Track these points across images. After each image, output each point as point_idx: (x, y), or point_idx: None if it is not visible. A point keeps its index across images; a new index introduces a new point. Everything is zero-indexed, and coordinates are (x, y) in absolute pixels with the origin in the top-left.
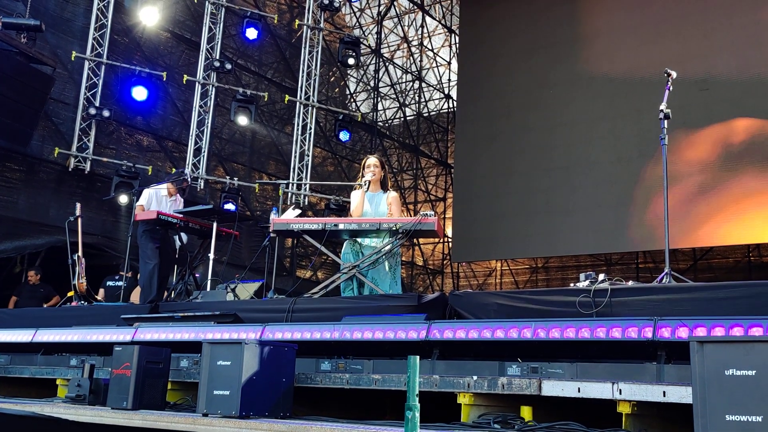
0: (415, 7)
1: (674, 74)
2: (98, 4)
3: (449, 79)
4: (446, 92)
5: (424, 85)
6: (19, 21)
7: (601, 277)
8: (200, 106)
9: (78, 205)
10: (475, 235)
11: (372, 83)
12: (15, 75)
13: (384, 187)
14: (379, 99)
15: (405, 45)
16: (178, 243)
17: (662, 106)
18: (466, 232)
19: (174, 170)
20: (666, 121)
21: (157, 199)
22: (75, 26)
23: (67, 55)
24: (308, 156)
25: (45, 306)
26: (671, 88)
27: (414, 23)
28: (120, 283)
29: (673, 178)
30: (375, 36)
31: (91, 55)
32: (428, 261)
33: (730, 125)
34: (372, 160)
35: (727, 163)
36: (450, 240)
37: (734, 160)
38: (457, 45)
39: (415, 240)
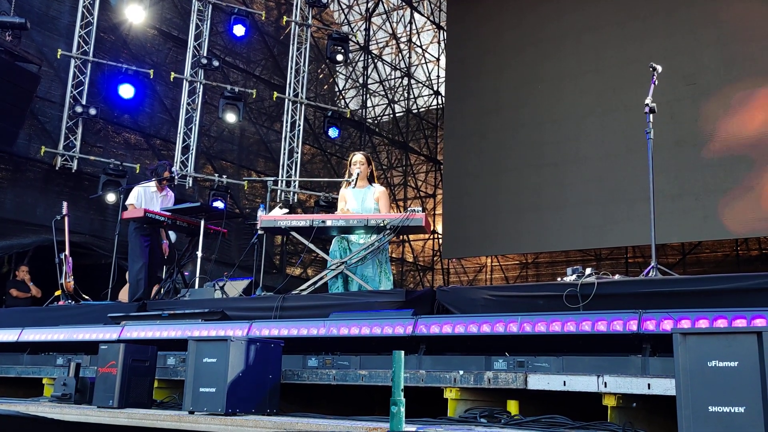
0: (404, 4)
1: (659, 68)
2: (84, 2)
3: (438, 76)
4: (435, 89)
5: (413, 81)
6: (4, 19)
7: (588, 271)
8: (188, 104)
9: (64, 204)
10: (465, 232)
11: (361, 80)
12: (0, 74)
13: (371, 182)
14: (368, 96)
15: (393, 41)
16: (165, 241)
17: (647, 100)
18: (456, 228)
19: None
20: (651, 115)
21: (147, 197)
22: (60, 24)
23: (53, 53)
24: (297, 153)
25: None
26: (657, 83)
27: (402, 20)
28: None
29: (659, 172)
30: (363, 32)
31: (77, 53)
32: (418, 258)
33: (717, 120)
34: (358, 157)
35: (714, 158)
36: (440, 236)
37: (721, 154)
38: (445, 41)
39: (404, 236)
